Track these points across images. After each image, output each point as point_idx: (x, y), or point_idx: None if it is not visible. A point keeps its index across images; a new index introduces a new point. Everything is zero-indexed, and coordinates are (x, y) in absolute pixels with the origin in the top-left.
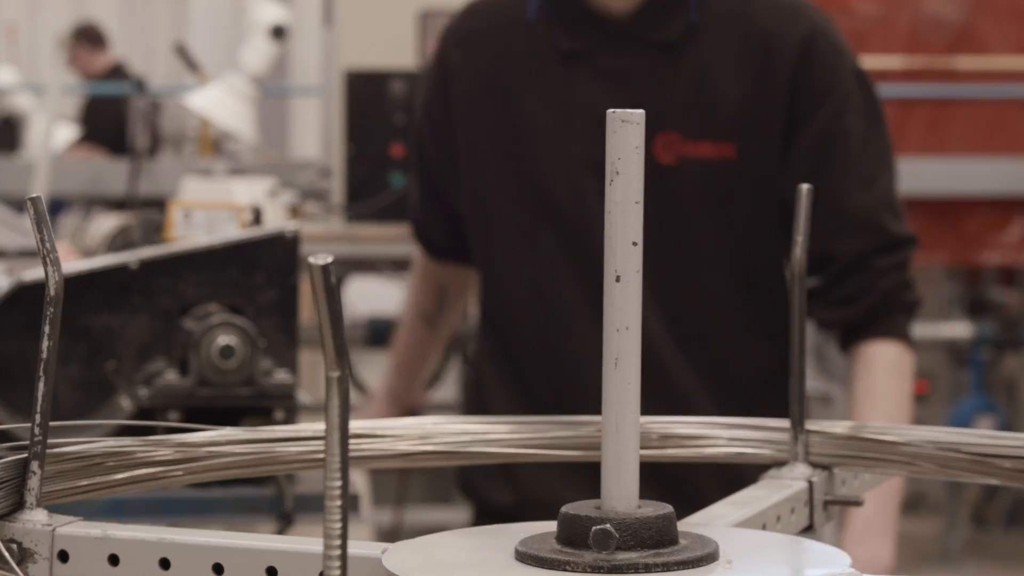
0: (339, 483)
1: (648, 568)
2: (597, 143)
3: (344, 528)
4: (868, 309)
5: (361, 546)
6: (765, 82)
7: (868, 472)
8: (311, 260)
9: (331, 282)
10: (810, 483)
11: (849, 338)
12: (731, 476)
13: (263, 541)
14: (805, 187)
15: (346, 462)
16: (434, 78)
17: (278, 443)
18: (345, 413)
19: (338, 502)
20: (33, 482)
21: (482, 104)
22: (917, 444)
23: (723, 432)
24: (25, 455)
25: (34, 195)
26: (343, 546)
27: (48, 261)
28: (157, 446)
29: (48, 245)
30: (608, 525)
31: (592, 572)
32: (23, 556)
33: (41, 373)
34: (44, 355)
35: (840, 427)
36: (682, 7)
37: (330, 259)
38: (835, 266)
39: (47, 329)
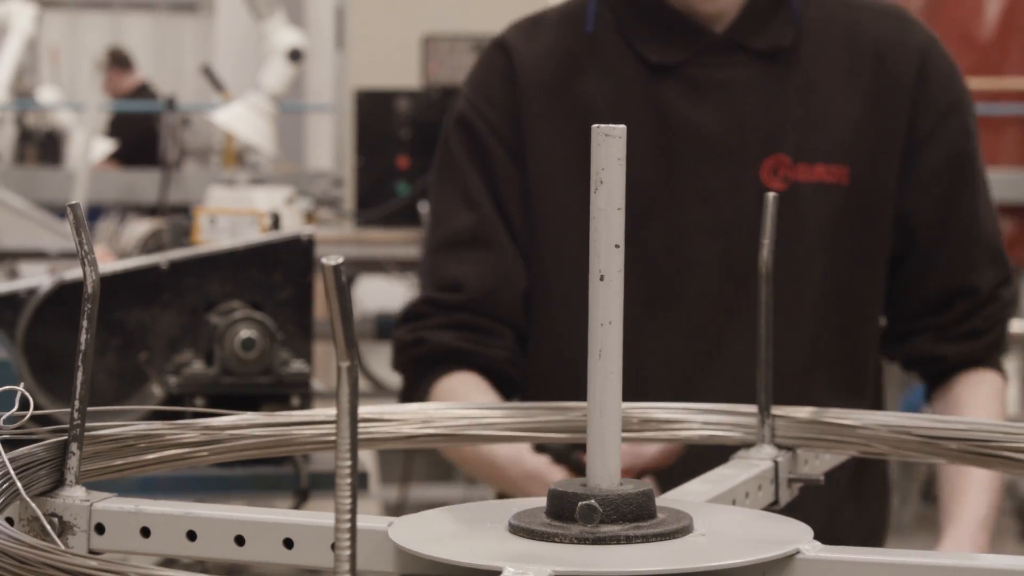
0: (349, 463)
1: (629, 539)
2: (698, 169)
3: (354, 504)
4: (990, 343)
5: (369, 520)
6: (881, 96)
7: (828, 452)
8: (324, 260)
9: (342, 281)
10: (775, 463)
11: (952, 372)
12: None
13: (280, 515)
14: (772, 195)
15: (355, 444)
16: (496, 92)
17: (293, 427)
18: (354, 399)
19: (348, 480)
20: (72, 462)
21: (553, 122)
22: (872, 427)
23: (697, 416)
24: (65, 437)
25: (74, 202)
26: (352, 520)
27: (86, 262)
28: (185, 429)
29: (86, 247)
30: (593, 500)
31: (578, 543)
32: (63, 529)
33: (80, 363)
34: (82, 347)
35: (803, 412)
36: (786, 11)
37: (341, 260)
38: (973, 300)
39: (85, 323)
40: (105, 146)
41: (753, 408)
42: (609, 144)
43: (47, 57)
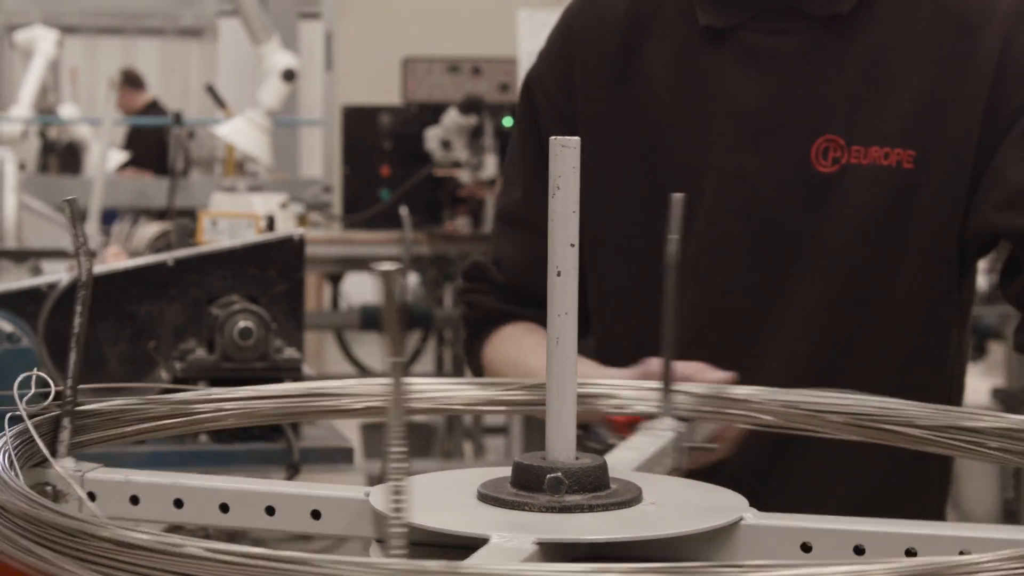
0: (401, 449)
1: (592, 508)
2: (737, 147)
3: (405, 465)
4: None
5: (351, 490)
6: (959, 72)
7: (721, 423)
8: (379, 267)
9: (395, 285)
10: (677, 433)
11: None
12: None
13: (261, 485)
14: (678, 196)
15: (404, 426)
16: (558, 69)
17: (254, 400)
18: (402, 389)
19: (401, 461)
20: (64, 435)
21: (609, 93)
22: (762, 401)
23: (617, 391)
24: (58, 412)
25: (69, 197)
26: (404, 478)
27: (81, 252)
28: (157, 404)
29: (81, 239)
30: (559, 473)
31: (547, 511)
32: (56, 497)
33: (73, 345)
34: (76, 330)
35: (701, 388)
36: None
37: (396, 266)
38: None
39: (79, 308)
40: (119, 157)
41: (658, 384)
42: (565, 154)
43: (68, 77)
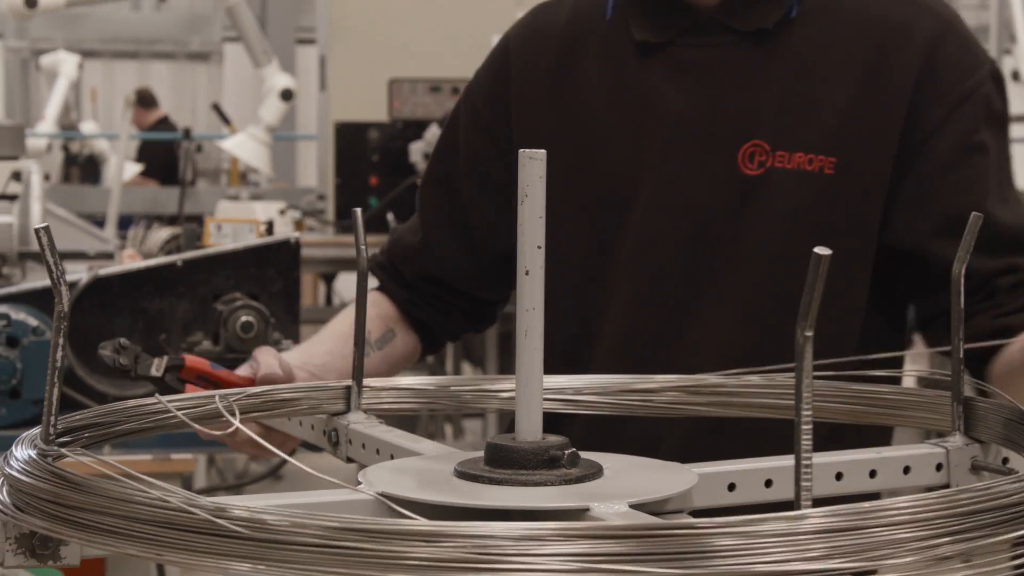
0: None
1: (585, 479)
2: (669, 153)
3: None
4: None
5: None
6: (879, 85)
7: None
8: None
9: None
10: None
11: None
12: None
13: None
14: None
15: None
16: (490, 87)
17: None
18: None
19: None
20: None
21: (546, 107)
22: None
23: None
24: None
25: (42, 225)
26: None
27: (60, 282)
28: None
29: (58, 270)
30: (572, 449)
31: (559, 483)
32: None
33: (56, 380)
34: (58, 363)
35: (382, 383)
36: None
37: None
38: (1016, 276)
39: (60, 341)
40: (134, 168)
41: (347, 382)
42: (532, 165)
43: (88, 97)
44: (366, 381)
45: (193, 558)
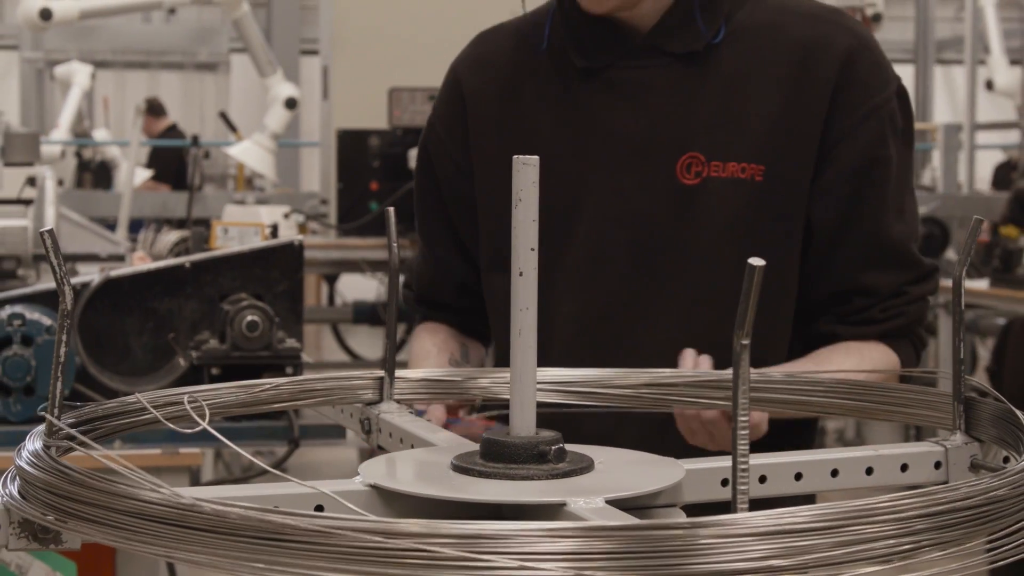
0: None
1: (573, 472)
2: (613, 167)
3: None
4: (887, 330)
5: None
6: (800, 98)
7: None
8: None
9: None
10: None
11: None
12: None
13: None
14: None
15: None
16: (447, 114)
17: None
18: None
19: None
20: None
21: (496, 131)
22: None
23: (342, 382)
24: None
25: (47, 228)
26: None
27: (64, 283)
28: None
29: (62, 271)
30: (561, 444)
31: (548, 478)
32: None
33: (58, 374)
34: (62, 359)
35: (418, 373)
36: (709, 15)
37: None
38: (872, 299)
39: (64, 337)
40: (144, 174)
41: (379, 372)
42: (526, 171)
43: (100, 105)
44: (399, 372)
45: (158, 546)
